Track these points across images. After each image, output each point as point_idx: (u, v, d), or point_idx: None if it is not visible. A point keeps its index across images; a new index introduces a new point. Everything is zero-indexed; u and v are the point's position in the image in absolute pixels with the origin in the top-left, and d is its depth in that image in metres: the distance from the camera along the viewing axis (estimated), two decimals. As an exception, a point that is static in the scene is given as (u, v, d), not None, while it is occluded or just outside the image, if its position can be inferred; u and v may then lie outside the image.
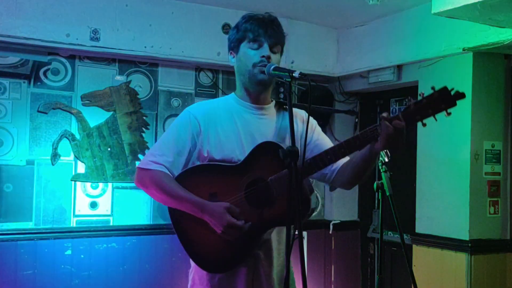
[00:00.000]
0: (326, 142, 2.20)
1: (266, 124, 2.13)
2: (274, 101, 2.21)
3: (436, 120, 1.84)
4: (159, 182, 2.04)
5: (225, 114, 2.11)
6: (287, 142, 2.07)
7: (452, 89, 1.81)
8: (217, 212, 1.95)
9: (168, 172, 2.06)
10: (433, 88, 1.82)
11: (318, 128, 2.25)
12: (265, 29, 2.08)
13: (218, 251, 2.03)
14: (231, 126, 2.09)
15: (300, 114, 2.24)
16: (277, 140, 2.06)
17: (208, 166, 2.05)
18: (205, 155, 2.07)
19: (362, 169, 2.03)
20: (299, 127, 2.17)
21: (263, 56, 2.06)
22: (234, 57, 2.18)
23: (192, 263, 2.14)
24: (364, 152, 1.98)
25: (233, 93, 2.20)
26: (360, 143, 1.91)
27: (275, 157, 1.90)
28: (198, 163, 2.10)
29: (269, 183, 1.98)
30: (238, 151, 2.05)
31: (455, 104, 1.81)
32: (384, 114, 1.86)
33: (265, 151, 2.00)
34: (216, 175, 2.02)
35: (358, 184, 2.12)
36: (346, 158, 2.10)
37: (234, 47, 2.16)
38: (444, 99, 1.81)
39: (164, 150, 2.08)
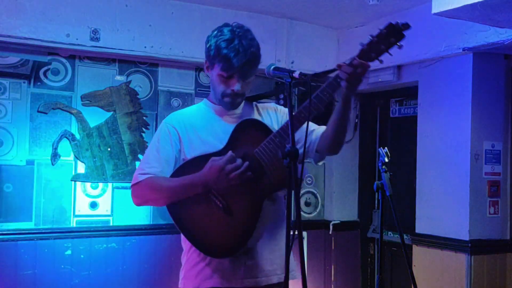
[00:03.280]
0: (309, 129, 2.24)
1: (237, 122, 2.18)
2: (243, 101, 2.28)
3: (391, 55, 1.95)
4: (154, 184, 2.11)
5: (201, 118, 2.21)
6: None
7: (397, 22, 1.91)
8: (207, 167, 2.01)
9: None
10: (380, 28, 1.93)
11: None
12: (240, 65, 2.07)
13: (222, 236, 2.06)
14: (208, 128, 2.18)
15: (269, 105, 2.35)
16: None
17: (194, 159, 2.11)
18: (189, 158, 2.14)
19: (340, 122, 2.10)
20: (271, 116, 2.27)
21: (233, 90, 2.11)
22: (208, 72, 2.20)
23: (185, 248, 2.22)
24: (334, 116, 2.08)
25: (205, 99, 2.29)
26: (328, 94, 1.99)
27: (254, 132, 2.04)
28: None
29: (255, 156, 2.03)
30: (218, 146, 2.11)
31: (403, 36, 1.92)
32: (340, 63, 1.96)
33: (243, 129, 2.09)
34: (203, 164, 2.05)
35: (340, 144, 2.20)
36: (322, 127, 2.22)
37: (208, 64, 2.18)
38: (392, 34, 1.92)
39: (150, 162, 2.15)
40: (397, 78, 4.38)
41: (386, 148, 2.71)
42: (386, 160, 2.69)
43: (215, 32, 2.14)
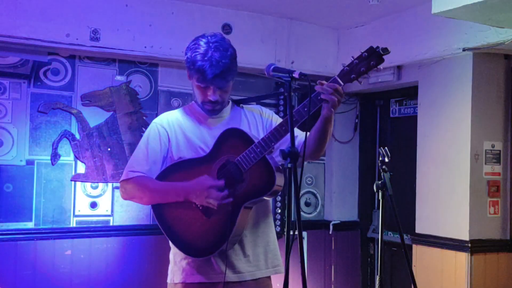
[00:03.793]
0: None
1: (224, 124, 2.31)
2: (230, 102, 2.40)
3: (369, 77, 2.07)
4: (141, 184, 2.22)
5: (189, 121, 2.32)
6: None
7: (378, 47, 1.99)
8: (195, 183, 2.14)
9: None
10: (361, 50, 2.01)
11: (276, 116, 2.45)
12: (213, 77, 2.17)
13: (201, 238, 2.20)
14: (195, 130, 2.29)
15: (255, 108, 2.45)
16: None
17: (180, 163, 2.25)
18: (176, 158, 2.27)
19: (321, 135, 2.20)
20: (256, 118, 2.38)
21: (210, 100, 2.24)
22: (190, 80, 2.31)
23: (172, 245, 2.36)
24: (317, 125, 2.18)
25: (193, 101, 2.39)
26: (308, 109, 2.07)
27: (237, 141, 2.17)
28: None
29: (236, 163, 2.15)
30: (203, 150, 2.25)
31: (383, 60, 2.00)
32: (322, 81, 2.04)
33: (227, 137, 2.20)
34: (188, 168, 2.20)
35: (321, 152, 2.30)
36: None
37: (188, 74, 2.29)
38: (373, 57, 2.00)
39: (139, 161, 2.26)
40: (397, 78, 4.38)
41: (386, 148, 2.70)
42: (386, 160, 2.69)
43: (191, 44, 2.26)
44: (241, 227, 2.20)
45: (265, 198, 2.18)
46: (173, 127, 2.29)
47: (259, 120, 2.39)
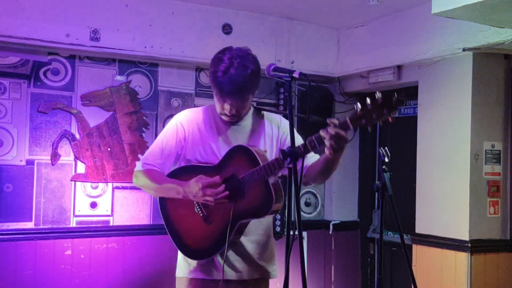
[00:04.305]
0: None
1: (242, 133, 2.40)
2: (252, 108, 2.45)
3: (381, 125, 2.02)
4: (150, 177, 2.37)
5: (208, 124, 2.41)
6: (261, 146, 2.37)
7: (394, 95, 1.94)
8: (193, 181, 2.24)
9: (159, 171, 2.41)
10: (376, 94, 1.96)
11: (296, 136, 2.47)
12: (231, 94, 2.23)
13: (199, 242, 2.34)
14: (212, 135, 2.39)
15: (275, 119, 2.50)
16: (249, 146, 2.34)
17: (191, 167, 2.37)
18: (188, 157, 2.39)
19: (325, 169, 2.27)
20: (273, 131, 2.44)
21: (226, 114, 2.31)
22: (212, 88, 2.34)
23: None
24: (323, 157, 2.22)
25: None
26: (313, 145, 2.10)
27: (244, 159, 2.25)
28: (182, 163, 2.42)
29: (240, 180, 2.24)
30: (216, 156, 2.35)
31: (396, 110, 1.97)
32: (334, 121, 2.03)
33: (236, 153, 2.29)
34: (197, 173, 2.29)
35: (325, 180, 2.45)
36: (316, 157, 2.36)
37: (211, 84, 2.32)
38: (387, 104, 1.95)
39: (154, 154, 2.41)
40: (397, 78, 4.38)
41: (386, 148, 2.70)
42: (386, 160, 2.69)
43: (216, 57, 2.29)
44: (238, 236, 2.33)
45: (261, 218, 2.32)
46: (192, 127, 2.39)
47: (276, 133, 2.45)
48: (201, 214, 2.33)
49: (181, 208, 2.36)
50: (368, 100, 1.95)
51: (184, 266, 2.43)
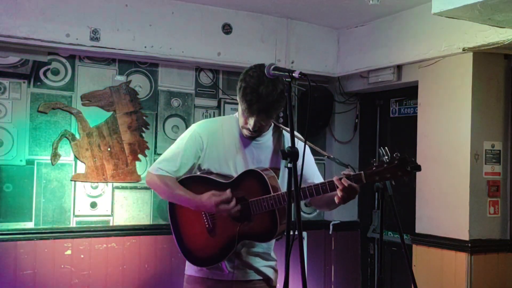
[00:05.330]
0: (312, 173, 2.49)
1: (261, 150, 2.44)
2: (272, 125, 2.48)
3: (393, 183, 2.12)
4: (163, 182, 2.42)
5: (227, 137, 2.44)
6: (280, 165, 2.41)
7: (411, 160, 2.03)
8: (206, 197, 2.32)
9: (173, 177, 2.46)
10: (396, 155, 2.05)
11: (308, 157, 2.50)
12: (258, 112, 2.27)
13: (201, 250, 2.43)
14: (231, 149, 2.42)
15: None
16: (270, 165, 2.41)
17: (205, 178, 2.42)
18: (204, 168, 2.43)
19: (331, 207, 2.41)
20: None
21: (248, 129, 2.34)
22: (238, 102, 2.38)
23: None
24: (329, 197, 2.28)
25: (237, 117, 2.47)
26: (324, 190, 2.20)
27: (257, 184, 2.30)
28: (198, 173, 2.48)
29: (249, 204, 2.31)
30: (232, 171, 2.40)
31: (410, 173, 2.05)
32: (346, 172, 2.12)
33: (249, 177, 2.34)
34: (209, 187, 2.35)
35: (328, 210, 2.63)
36: (320, 179, 2.47)
37: (238, 98, 2.36)
38: (402, 167, 2.05)
39: (170, 161, 2.43)
40: (397, 78, 4.38)
41: (386, 148, 2.70)
42: (386, 160, 2.69)
43: (247, 74, 2.30)
44: (240, 248, 2.42)
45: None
46: (212, 139, 2.42)
47: None
48: (207, 226, 2.41)
49: (189, 214, 2.43)
50: (385, 159, 2.04)
51: (190, 264, 2.51)
